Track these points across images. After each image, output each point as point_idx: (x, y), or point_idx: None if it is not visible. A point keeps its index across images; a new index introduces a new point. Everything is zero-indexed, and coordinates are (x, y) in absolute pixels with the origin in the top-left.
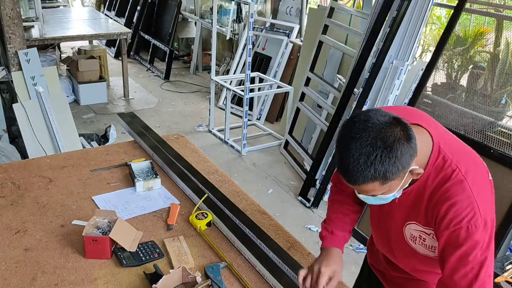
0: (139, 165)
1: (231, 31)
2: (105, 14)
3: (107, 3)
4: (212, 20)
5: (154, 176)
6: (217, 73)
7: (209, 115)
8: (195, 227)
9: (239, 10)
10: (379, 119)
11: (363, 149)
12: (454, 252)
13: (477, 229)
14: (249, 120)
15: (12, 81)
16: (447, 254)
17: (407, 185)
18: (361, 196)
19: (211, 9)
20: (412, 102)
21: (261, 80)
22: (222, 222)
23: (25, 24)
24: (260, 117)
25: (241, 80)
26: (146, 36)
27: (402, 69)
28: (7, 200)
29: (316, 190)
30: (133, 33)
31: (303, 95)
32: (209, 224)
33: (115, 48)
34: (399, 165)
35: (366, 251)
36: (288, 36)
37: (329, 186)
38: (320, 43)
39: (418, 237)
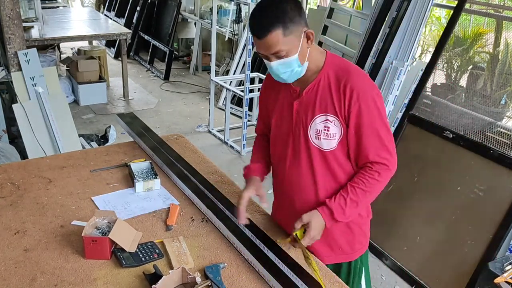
0: (139, 165)
1: (231, 31)
2: (105, 15)
3: (107, 3)
4: (211, 20)
5: (153, 176)
6: (216, 74)
7: (209, 115)
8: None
9: (238, 11)
10: None
11: (262, 8)
12: (366, 121)
13: (378, 97)
14: (249, 120)
15: (11, 81)
16: (358, 127)
17: (305, 66)
18: (270, 65)
19: (211, 9)
20: (411, 102)
21: (260, 81)
22: (222, 223)
23: (24, 24)
24: None
25: (241, 80)
26: (146, 37)
27: (401, 70)
28: (7, 200)
29: None
30: (132, 34)
31: None
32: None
33: (115, 48)
34: (292, 16)
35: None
36: None
37: None
38: (320, 43)
39: (323, 129)
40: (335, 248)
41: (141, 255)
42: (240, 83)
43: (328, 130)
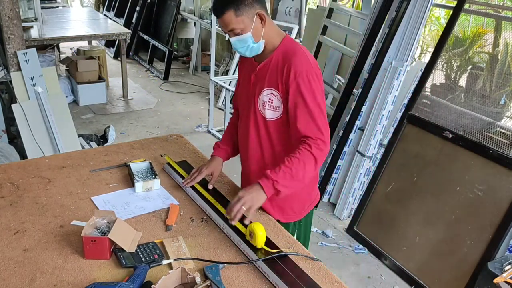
0: (138, 165)
1: None
2: (104, 15)
3: (106, 3)
4: (211, 20)
5: (153, 176)
6: (216, 74)
7: (208, 115)
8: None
9: None
10: None
11: None
12: (299, 98)
13: (314, 78)
14: None
15: (11, 81)
16: (294, 104)
17: (261, 43)
18: (230, 40)
19: (210, 9)
20: (411, 102)
21: None
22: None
23: (24, 24)
24: None
25: None
26: (145, 37)
27: (401, 70)
28: (6, 200)
29: None
30: (132, 34)
31: None
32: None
33: (114, 48)
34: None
35: (365, 251)
36: None
37: (328, 187)
38: (319, 43)
39: (268, 101)
40: (286, 210)
41: (141, 256)
42: None
43: (271, 102)
